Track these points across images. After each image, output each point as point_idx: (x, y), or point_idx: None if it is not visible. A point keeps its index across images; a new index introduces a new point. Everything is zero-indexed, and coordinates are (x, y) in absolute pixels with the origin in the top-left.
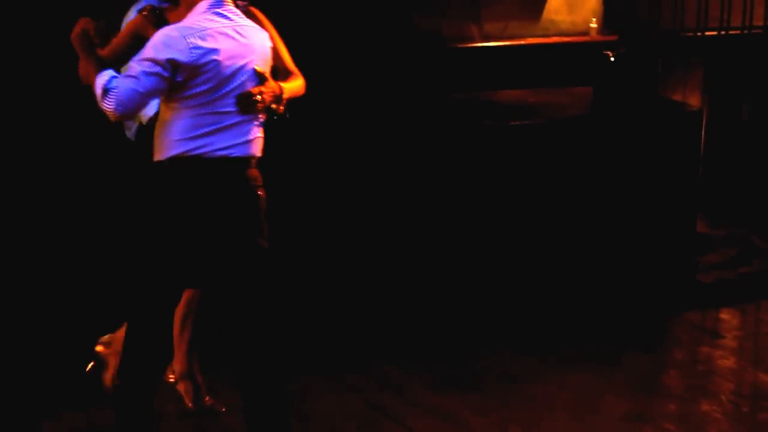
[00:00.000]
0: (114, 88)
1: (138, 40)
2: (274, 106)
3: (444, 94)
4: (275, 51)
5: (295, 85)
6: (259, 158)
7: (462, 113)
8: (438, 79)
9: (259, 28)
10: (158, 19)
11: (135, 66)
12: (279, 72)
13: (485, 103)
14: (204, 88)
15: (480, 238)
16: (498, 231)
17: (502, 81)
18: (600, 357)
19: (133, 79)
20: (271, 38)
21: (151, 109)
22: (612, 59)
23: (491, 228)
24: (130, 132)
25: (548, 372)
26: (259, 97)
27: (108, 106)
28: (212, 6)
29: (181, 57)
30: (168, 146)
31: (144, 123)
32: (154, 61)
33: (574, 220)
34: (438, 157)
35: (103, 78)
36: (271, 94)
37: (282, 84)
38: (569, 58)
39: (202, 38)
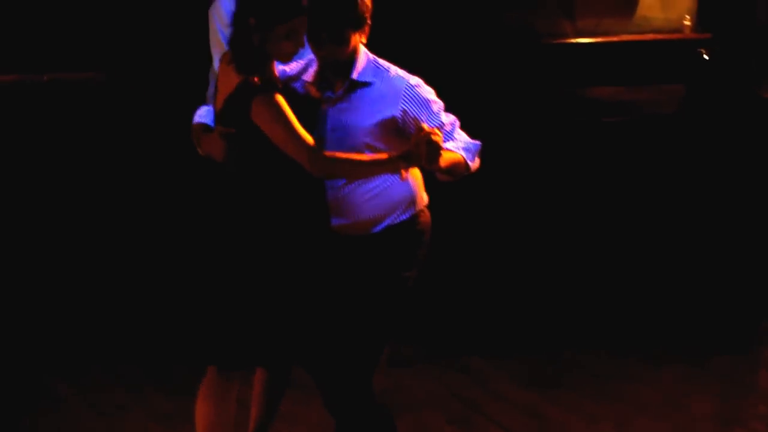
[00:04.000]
0: (477, 145)
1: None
2: None
3: (537, 90)
4: None
5: None
6: None
7: (554, 109)
8: (531, 74)
9: None
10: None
11: (449, 118)
12: None
13: (577, 100)
14: None
15: (566, 234)
16: (586, 227)
17: (595, 77)
18: (689, 357)
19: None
20: None
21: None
22: (706, 57)
23: (579, 224)
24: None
25: (636, 371)
26: None
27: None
28: None
29: None
30: (423, 188)
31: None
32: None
33: (663, 220)
34: (529, 153)
35: (468, 153)
36: None
37: None
38: (662, 55)
39: None
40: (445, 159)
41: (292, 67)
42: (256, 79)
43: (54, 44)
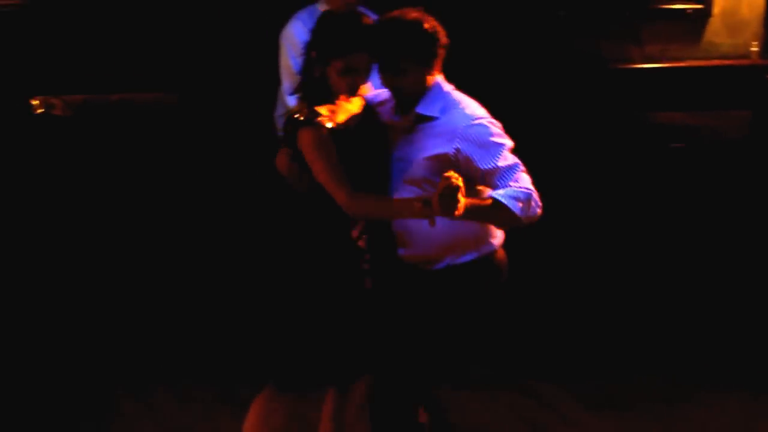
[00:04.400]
0: (531, 195)
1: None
2: None
3: (604, 115)
4: None
5: None
6: None
7: (621, 134)
8: (598, 99)
9: None
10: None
11: (508, 163)
12: None
13: (644, 125)
14: None
15: (634, 258)
16: (654, 252)
17: (662, 103)
18: (757, 383)
19: (525, 174)
20: None
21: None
22: None
23: (647, 249)
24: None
25: (705, 396)
26: None
27: (538, 209)
28: (443, 79)
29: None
30: (492, 234)
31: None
32: (511, 149)
33: (732, 246)
34: (596, 177)
35: (512, 201)
36: None
37: None
38: (729, 81)
39: None
40: (471, 208)
41: (385, 93)
42: (304, 111)
43: (126, 65)
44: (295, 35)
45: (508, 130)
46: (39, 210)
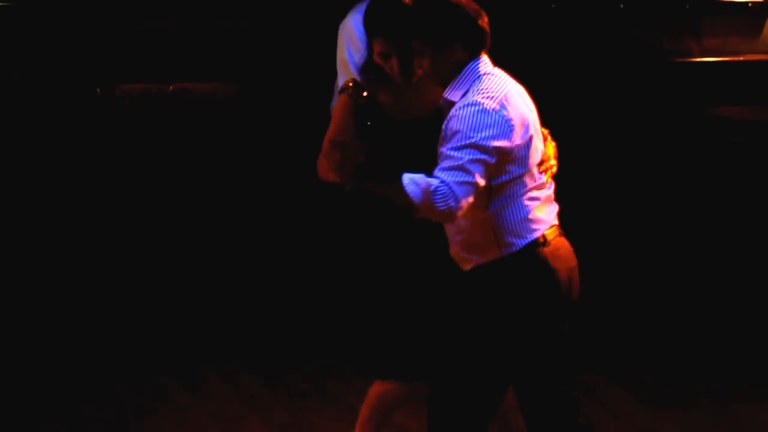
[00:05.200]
0: (438, 188)
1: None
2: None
3: (662, 108)
4: None
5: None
6: None
7: (680, 128)
8: (657, 93)
9: None
10: (366, 98)
11: (454, 154)
12: None
13: (703, 118)
14: (531, 161)
15: (690, 252)
16: (711, 247)
17: (720, 96)
18: None
19: (462, 172)
20: None
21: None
22: None
23: (703, 243)
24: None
25: (756, 393)
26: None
27: (441, 206)
28: (485, 63)
29: (506, 142)
30: (517, 233)
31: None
32: (478, 148)
33: None
34: (654, 170)
35: (412, 185)
36: (555, 150)
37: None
38: None
39: (512, 106)
40: (367, 176)
41: None
42: (350, 82)
43: (184, 56)
44: (354, 28)
45: (566, 123)
46: (99, 195)
